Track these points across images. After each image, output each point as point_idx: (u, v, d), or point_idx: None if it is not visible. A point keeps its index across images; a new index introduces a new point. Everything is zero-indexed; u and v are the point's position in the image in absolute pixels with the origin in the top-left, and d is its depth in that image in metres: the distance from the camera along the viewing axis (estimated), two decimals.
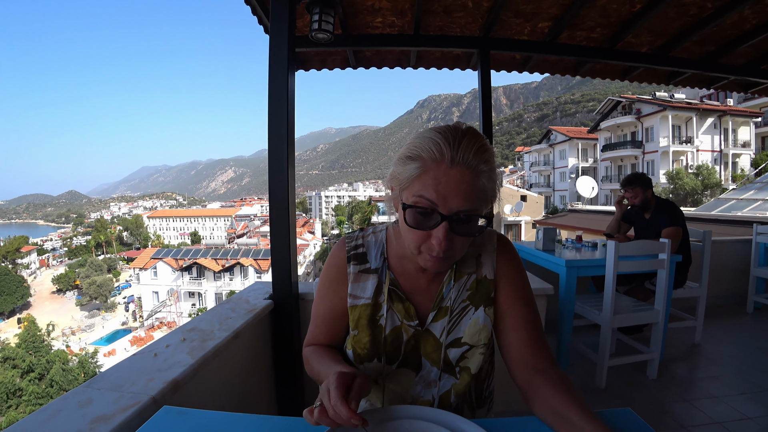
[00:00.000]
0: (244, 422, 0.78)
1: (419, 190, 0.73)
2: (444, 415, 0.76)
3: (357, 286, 0.92)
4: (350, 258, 0.94)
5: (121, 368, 1.16)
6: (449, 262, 0.80)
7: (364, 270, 0.93)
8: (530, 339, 0.88)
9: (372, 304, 0.91)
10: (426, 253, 0.78)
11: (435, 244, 0.74)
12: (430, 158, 0.72)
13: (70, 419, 0.91)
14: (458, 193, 0.71)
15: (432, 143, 0.73)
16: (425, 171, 0.73)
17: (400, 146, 0.82)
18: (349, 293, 0.92)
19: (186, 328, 1.46)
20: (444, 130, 0.74)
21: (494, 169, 0.76)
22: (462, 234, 0.75)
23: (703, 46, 3.22)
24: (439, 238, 0.73)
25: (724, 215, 9.23)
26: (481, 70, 2.99)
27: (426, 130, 0.76)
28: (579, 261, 2.66)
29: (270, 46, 1.91)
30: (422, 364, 0.90)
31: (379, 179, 38.52)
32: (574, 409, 0.70)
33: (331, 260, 0.96)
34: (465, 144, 0.72)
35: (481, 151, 0.73)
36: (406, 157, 0.76)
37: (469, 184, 0.72)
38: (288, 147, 1.84)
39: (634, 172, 3.39)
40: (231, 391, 1.48)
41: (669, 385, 2.57)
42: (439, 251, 0.75)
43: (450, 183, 0.71)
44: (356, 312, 0.91)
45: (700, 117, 28.13)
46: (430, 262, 0.78)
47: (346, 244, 0.96)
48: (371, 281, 0.92)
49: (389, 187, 0.83)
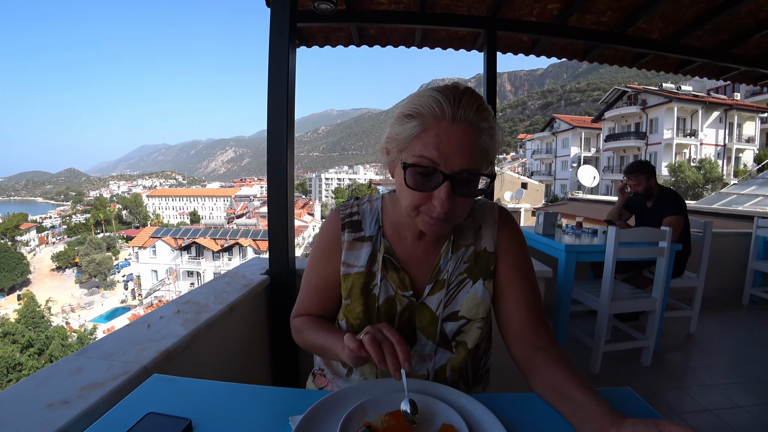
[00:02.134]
0: (233, 391, 0.76)
1: (420, 149, 0.70)
2: (439, 389, 0.75)
3: (351, 254, 0.90)
4: (345, 225, 0.91)
5: (114, 338, 1.14)
6: (449, 225, 0.77)
7: (359, 238, 0.90)
8: (530, 316, 0.86)
9: (365, 273, 0.89)
10: (425, 215, 0.75)
11: (437, 205, 0.71)
12: (430, 115, 0.70)
13: (61, 386, 0.89)
14: (461, 151, 0.69)
15: (432, 100, 0.70)
16: (426, 129, 0.70)
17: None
18: (342, 261, 0.90)
19: (180, 301, 1.44)
20: (443, 89, 0.72)
21: (494, 127, 0.73)
22: (464, 195, 0.73)
23: (715, 35, 3.14)
24: (441, 198, 0.70)
25: (725, 209, 9.20)
26: (487, 51, 2.93)
27: (424, 90, 0.73)
28: (579, 246, 2.66)
29: (271, 19, 1.85)
30: (417, 337, 0.89)
31: (380, 162, 38.81)
32: (575, 386, 0.69)
33: (325, 228, 0.94)
34: (466, 101, 0.70)
35: (482, 108, 0.71)
36: (405, 116, 0.73)
37: (471, 142, 0.70)
38: (288, 120, 1.81)
39: (638, 159, 3.34)
40: (226, 363, 1.47)
41: (662, 373, 2.60)
42: (441, 212, 0.72)
43: (452, 140, 0.69)
44: (349, 280, 0.89)
45: (706, 110, 27.90)
46: (429, 224, 0.75)
47: (341, 212, 0.93)
48: (365, 249, 0.90)
49: (385, 151, 0.80)
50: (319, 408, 0.67)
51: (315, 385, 1.01)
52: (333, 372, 0.98)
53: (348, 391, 0.73)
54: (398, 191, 0.79)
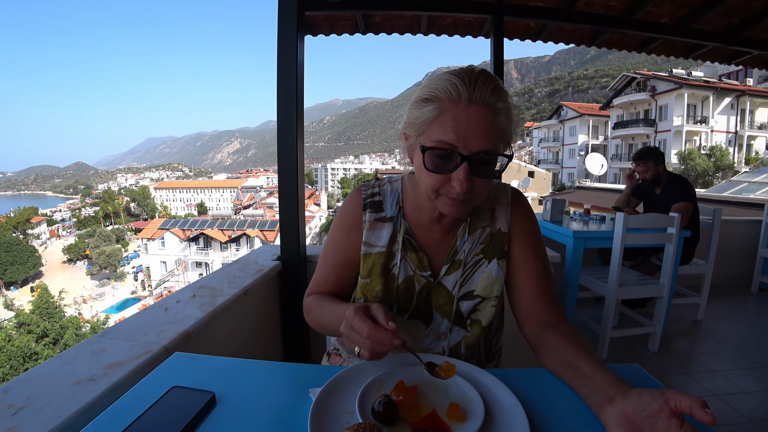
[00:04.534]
0: (253, 366, 0.80)
1: (438, 133, 0.72)
2: (455, 363, 0.77)
3: (372, 234, 0.92)
4: (366, 206, 0.93)
5: (133, 321, 1.18)
6: (468, 206, 0.79)
7: (380, 218, 0.92)
8: (541, 293, 0.88)
9: (386, 253, 0.91)
10: (445, 196, 0.77)
11: (457, 186, 0.73)
12: (447, 98, 0.71)
13: (85, 365, 0.93)
14: (479, 132, 0.71)
15: (448, 83, 0.71)
16: (443, 112, 0.72)
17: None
18: (363, 241, 0.92)
19: (196, 286, 1.48)
20: (458, 72, 0.73)
21: (511, 108, 0.75)
22: (482, 176, 0.74)
23: (726, 18, 3.07)
24: (460, 179, 0.72)
25: (735, 197, 9.09)
26: (494, 37, 2.89)
27: (440, 74, 0.75)
28: (587, 232, 2.66)
29: (279, 8, 1.86)
30: (433, 316, 0.91)
31: (385, 152, 38.16)
32: (584, 359, 0.70)
33: (346, 207, 0.95)
34: (481, 83, 0.71)
35: (498, 89, 0.72)
36: (422, 100, 0.75)
37: (488, 122, 0.71)
38: (297, 109, 1.82)
39: (646, 145, 3.30)
40: (240, 344, 1.52)
41: (669, 359, 2.61)
42: (460, 193, 0.73)
43: (469, 122, 0.70)
44: (370, 260, 0.91)
45: (717, 96, 27.32)
46: (449, 206, 0.77)
47: (363, 192, 0.95)
48: (386, 230, 0.92)
49: (404, 137, 0.82)
50: (338, 380, 0.70)
51: (330, 364, 1.04)
52: (349, 352, 1.00)
53: (366, 365, 0.76)
54: (417, 174, 0.80)
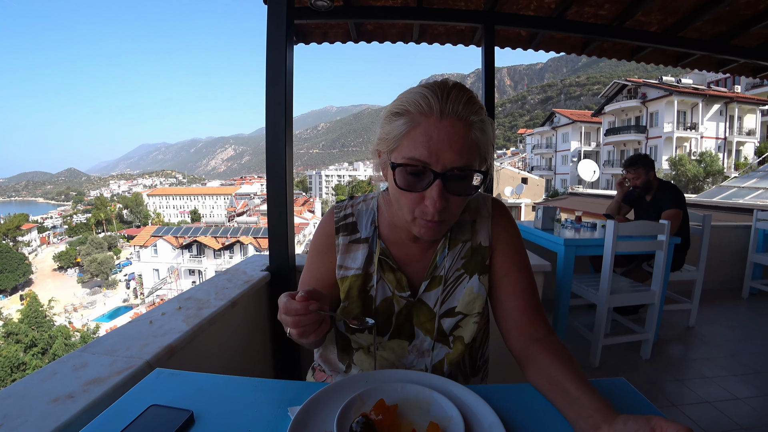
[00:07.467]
0: (234, 383, 0.78)
1: (409, 149, 0.69)
2: (436, 380, 0.76)
3: (347, 257, 0.89)
4: (339, 229, 0.90)
5: (116, 334, 1.16)
6: (444, 227, 0.77)
7: (354, 240, 0.90)
8: (526, 306, 0.86)
9: (362, 275, 0.88)
10: (420, 219, 0.74)
11: (429, 206, 0.70)
12: (418, 111, 0.69)
13: (65, 381, 0.91)
14: (451, 146, 0.68)
15: (419, 96, 0.69)
16: (414, 126, 0.69)
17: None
18: (338, 265, 0.89)
19: (182, 297, 1.46)
20: (431, 84, 0.71)
21: (486, 121, 0.72)
22: (457, 193, 0.72)
23: (715, 26, 3.12)
24: (434, 197, 0.69)
25: (725, 202, 9.20)
26: (485, 46, 2.92)
27: (412, 87, 0.73)
28: (578, 240, 2.66)
29: (268, 16, 1.85)
30: (415, 333, 0.89)
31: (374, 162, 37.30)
32: (570, 378, 0.69)
33: (320, 230, 0.93)
34: (454, 95, 0.69)
35: (471, 102, 0.70)
36: (393, 114, 0.72)
37: (461, 137, 0.68)
38: (286, 117, 1.81)
39: (637, 153, 3.33)
40: (228, 358, 1.49)
41: (662, 365, 2.61)
42: (434, 213, 0.71)
43: (441, 136, 0.68)
44: (346, 283, 0.89)
45: (706, 103, 27.77)
46: (424, 228, 0.75)
47: (335, 215, 0.92)
48: (361, 251, 0.89)
49: (376, 153, 0.79)
50: (317, 399, 0.68)
51: (314, 379, 1.02)
52: (331, 368, 0.98)
53: (346, 382, 0.74)
54: (391, 193, 0.78)
